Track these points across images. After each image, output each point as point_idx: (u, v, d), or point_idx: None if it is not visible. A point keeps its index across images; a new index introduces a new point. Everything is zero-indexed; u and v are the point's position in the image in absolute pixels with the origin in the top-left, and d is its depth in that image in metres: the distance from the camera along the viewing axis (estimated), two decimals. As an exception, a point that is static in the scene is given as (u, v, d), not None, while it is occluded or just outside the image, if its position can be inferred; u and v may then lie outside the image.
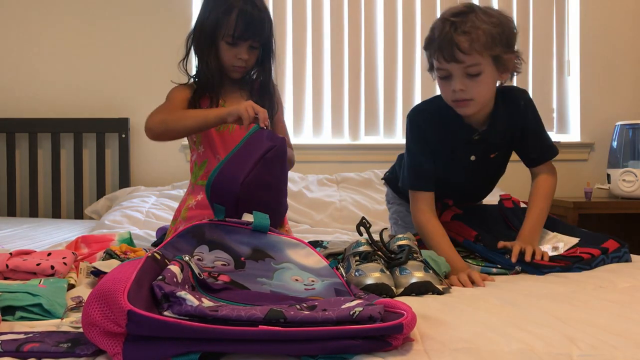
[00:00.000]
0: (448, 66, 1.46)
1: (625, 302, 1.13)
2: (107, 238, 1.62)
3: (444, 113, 1.58)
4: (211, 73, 1.68)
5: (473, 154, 1.62)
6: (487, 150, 1.63)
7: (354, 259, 1.28)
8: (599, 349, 0.84)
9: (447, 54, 1.44)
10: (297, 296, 1.02)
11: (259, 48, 1.68)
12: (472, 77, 1.46)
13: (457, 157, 1.62)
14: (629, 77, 3.04)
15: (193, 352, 0.77)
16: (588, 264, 1.46)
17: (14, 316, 1.01)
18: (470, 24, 1.42)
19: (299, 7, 2.98)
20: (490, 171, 1.72)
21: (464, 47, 1.42)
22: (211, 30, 1.65)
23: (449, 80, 1.49)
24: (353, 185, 2.75)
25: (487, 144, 1.61)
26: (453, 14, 1.46)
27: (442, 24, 1.46)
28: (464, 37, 1.42)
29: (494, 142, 1.61)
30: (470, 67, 1.45)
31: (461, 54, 1.43)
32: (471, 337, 0.87)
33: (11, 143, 2.91)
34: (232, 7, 1.61)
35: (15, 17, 2.99)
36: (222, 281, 1.03)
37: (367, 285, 1.18)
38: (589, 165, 3.05)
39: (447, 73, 1.48)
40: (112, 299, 0.77)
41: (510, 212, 1.70)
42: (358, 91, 2.99)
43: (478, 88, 1.48)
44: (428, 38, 1.51)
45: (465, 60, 1.44)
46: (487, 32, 1.42)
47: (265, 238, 1.12)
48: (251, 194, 1.26)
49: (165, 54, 2.91)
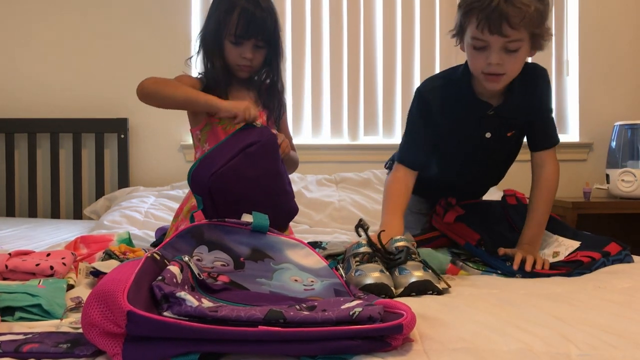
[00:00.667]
0: (490, 38, 1.39)
1: (625, 302, 1.13)
2: (106, 238, 1.62)
3: (457, 89, 1.54)
4: (217, 73, 1.68)
5: (488, 130, 1.57)
6: (503, 127, 1.58)
7: (354, 260, 1.28)
8: (598, 348, 0.84)
9: (494, 26, 1.36)
10: (296, 297, 1.02)
11: (265, 47, 1.67)
12: (510, 52, 1.42)
13: (471, 135, 1.58)
14: (628, 77, 3.04)
15: (193, 352, 0.77)
16: (588, 267, 1.45)
17: (13, 317, 1.01)
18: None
19: (298, 7, 2.98)
20: (505, 152, 1.67)
21: (513, 21, 1.36)
22: (215, 30, 1.65)
23: (484, 52, 1.43)
24: (352, 185, 2.75)
25: (502, 120, 1.56)
26: None
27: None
28: (516, 11, 1.35)
29: (509, 117, 1.56)
30: (512, 42, 1.40)
31: (509, 28, 1.37)
32: (470, 336, 0.87)
33: (10, 143, 2.91)
34: (234, 6, 1.61)
35: (14, 17, 2.99)
36: (221, 281, 1.03)
37: (366, 284, 1.18)
38: (587, 165, 3.05)
39: (485, 44, 1.41)
40: (112, 299, 0.77)
41: (513, 210, 1.68)
42: (357, 91, 2.99)
43: (513, 63, 1.44)
44: (470, 3, 1.41)
45: (510, 35, 1.38)
46: (536, 9, 1.37)
47: (265, 238, 1.12)
48: (225, 185, 1.27)
49: (164, 54, 2.92)
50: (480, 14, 1.38)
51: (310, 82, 2.99)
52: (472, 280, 1.37)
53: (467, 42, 1.47)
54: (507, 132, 1.60)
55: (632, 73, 3.05)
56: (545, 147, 1.63)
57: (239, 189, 1.30)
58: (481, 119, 1.56)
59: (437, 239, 1.66)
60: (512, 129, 1.59)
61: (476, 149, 1.61)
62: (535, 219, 1.58)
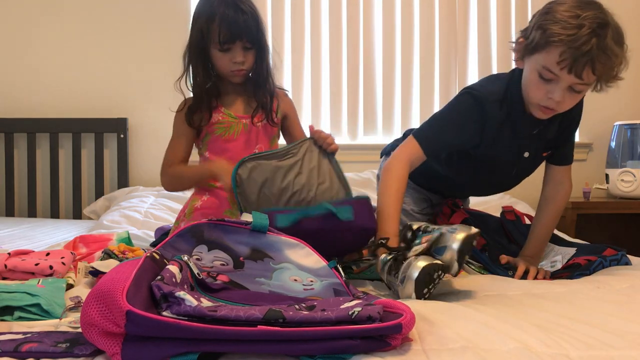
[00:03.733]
0: (564, 75, 1.30)
1: (623, 302, 1.13)
2: (105, 238, 1.62)
3: (511, 110, 1.46)
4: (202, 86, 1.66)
5: (527, 150, 1.52)
6: (541, 147, 1.53)
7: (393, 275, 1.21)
8: (595, 348, 0.84)
9: (578, 69, 1.27)
10: (295, 296, 1.02)
11: (253, 48, 1.64)
12: (574, 92, 1.35)
13: (509, 152, 1.51)
14: (628, 78, 3.00)
15: (192, 352, 0.77)
16: (587, 268, 1.45)
17: (13, 316, 1.01)
18: (611, 46, 1.28)
19: (297, 7, 2.98)
20: (533, 169, 1.61)
21: (597, 70, 1.29)
22: (199, 42, 1.62)
23: (549, 84, 1.34)
24: (352, 185, 2.73)
25: (541, 140, 1.51)
26: (600, 23, 1.27)
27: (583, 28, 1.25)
28: (605, 59, 1.28)
29: (548, 138, 1.51)
30: (582, 84, 1.33)
31: (590, 74, 1.29)
32: (469, 336, 0.87)
33: (10, 143, 2.91)
34: (214, 14, 1.58)
35: (13, 17, 2.99)
36: (221, 281, 1.03)
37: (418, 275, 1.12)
38: (587, 165, 3.05)
39: (555, 78, 1.32)
40: (111, 299, 0.77)
41: (512, 225, 1.69)
42: (357, 91, 2.99)
43: (571, 102, 1.39)
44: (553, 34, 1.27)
45: (586, 80, 1.31)
46: (617, 63, 1.32)
47: (264, 238, 1.11)
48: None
49: (163, 54, 2.92)
50: (567, 51, 1.27)
51: (309, 81, 2.99)
52: (472, 280, 1.37)
53: (534, 66, 1.35)
54: (544, 152, 1.55)
55: (632, 73, 3.01)
56: (567, 163, 1.59)
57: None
58: (524, 138, 1.50)
59: None
60: (549, 149, 1.55)
61: (508, 165, 1.56)
62: (542, 234, 1.57)
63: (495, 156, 1.52)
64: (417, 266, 1.14)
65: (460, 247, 1.17)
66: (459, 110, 1.49)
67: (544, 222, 1.58)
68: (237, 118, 1.68)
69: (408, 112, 2.99)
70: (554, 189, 1.59)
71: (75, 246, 1.57)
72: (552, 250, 1.63)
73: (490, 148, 1.49)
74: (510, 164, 1.55)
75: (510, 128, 1.47)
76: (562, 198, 1.59)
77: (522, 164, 1.55)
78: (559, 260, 1.55)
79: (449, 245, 1.18)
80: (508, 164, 1.55)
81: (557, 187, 1.59)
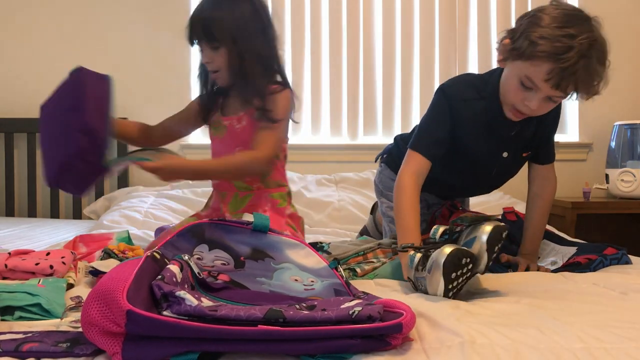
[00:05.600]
0: (546, 88, 1.34)
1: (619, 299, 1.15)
2: (105, 237, 1.62)
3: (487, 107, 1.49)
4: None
5: (506, 150, 1.56)
6: (520, 148, 1.57)
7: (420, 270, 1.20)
8: (588, 343, 0.85)
9: (562, 85, 1.32)
10: (296, 296, 1.02)
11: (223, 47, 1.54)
12: (550, 101, 1.39)
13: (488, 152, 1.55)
14: (628, 78, 3.04)
15: (192, 351, 0.77)
16: (587, 267, 1.47)
17: (13, 316, 1.01)
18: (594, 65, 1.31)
19: (297, 7, 2.98)
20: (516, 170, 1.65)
21: (579, 88, 1.34)
22: None
23: (527, 92, 1.37)
24: (352, 185, 2.75)
25: (520, 141, 1.55)
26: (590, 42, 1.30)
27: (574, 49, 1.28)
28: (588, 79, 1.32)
29: (527, 137, 1.55)
30: (560, 97, 1.38)
31: (572, 89, 1.34)
32: (468, 334, 0.88)
33: (9, 143, 2.91)
34: None
35: (13, 17, 2.99)
36: (221, 280, 1.03)
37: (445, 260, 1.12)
38: (587, 165, 3.05)
39: (534, 88, 1.36)
40: (112, 298, 0.77)
41: (513, 225, 1.70)
42: (357, 91, 2.99)
43: (546, 109, 1.43)
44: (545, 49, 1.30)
45: (565, 93, 1.36)
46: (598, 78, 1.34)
47: (265, 238, 1.12)
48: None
49: (163, 54, 2.92)
50: (555, 69, 1.29)
51: (309, 81, 2.99)
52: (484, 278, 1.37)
53: (516, 72, 1.38)
54: (524, 153, 1.59)
55: (631, 73, 3.05)
56: (550, 161, 1.64)
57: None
58: (502, 138, 1.53)
59: None
60: (528, 150, 1.59)
61: (488, 165, 1.59)
62: (536, 231, 1.60)
63: (475, 155, 1.55)
64: (444, 252, 1.14)
65: (489, 238, 1.16)
66: (436, 106, 1.54)
67: (536, 218, 1.61)
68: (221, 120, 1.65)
69: (408, 112, 2.99)
70: (540, 185, 1.63)
71: (75, 246, 1.57)
72: (553, 249, 1.64)
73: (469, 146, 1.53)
74: (490, 163, 1.58)
75: (487, 128, 1.51)
76: (549, 193, 1.63)
77: (502, 164, 1.58)
78: (560, 259, 1.56)
79: (478, 236, 1.17)
80: (488, 163, 1.58)
81: (543, 183, 1.63)
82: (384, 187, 1.82)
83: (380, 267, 1.45)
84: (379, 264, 1.47)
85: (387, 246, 1.54)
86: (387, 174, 1.82)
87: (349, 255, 1.50)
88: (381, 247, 1.54)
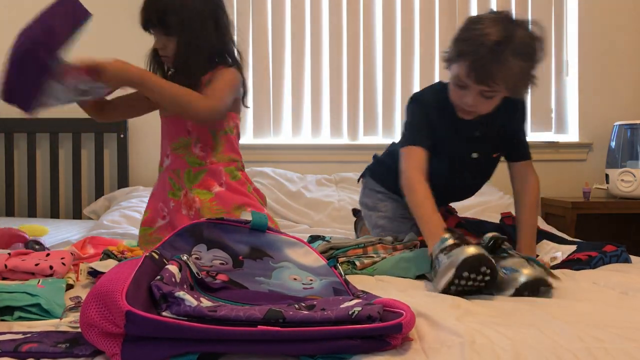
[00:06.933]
0: (471, 84, 1.48)
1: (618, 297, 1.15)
2: (115, 243, 1.62)
3: (444, 109, 1.61)
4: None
5: (475, 151, 1.65)
6: (488, 149, 1.67)
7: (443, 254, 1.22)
8: (587, 342, 0.85)
9: (479, 78, 1.46)
10: (295, 295, 1.02)
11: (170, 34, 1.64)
12: (486, 97, 1.51)
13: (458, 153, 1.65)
14: (628, 77, 3.04)
15: (192, 352, 0.77)
16: (587, 263, 1.49)
17: (13, 316, 1.01)
18: (511, 60, 1.42)
19: (297, 7, 2.98)
20: (490, 171, 1.75)
21: (497, 78, 1.45)
22: None
23: (462, 90, 1.52)
24: (352, 185, 2.75)
25: (487, 142, 1.65)
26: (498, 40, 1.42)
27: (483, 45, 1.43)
28: (502, 70, 1.43)
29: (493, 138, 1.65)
30: (490, 92, 1.49)
31: (491, 82, 1.46)
32: (467, 333, 0.88)
33: (9, 143, 2.90)
34: None
35: (13, 17, 2.98)
36: (220, 280, 1.03)
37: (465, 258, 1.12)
38: (587, 165, 3.05)
39: (465, 86, 1.50)
40: (111, 299, 0.77)
41: (512, 229, 1.71)
42: (357, 91, 2.99)
43: (486, 106, 1.54)
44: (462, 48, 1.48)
45: (490, 87, 1.48)
46: (521, 69, 1.45)
47: (264, 237, 1.11)
48: None
49: (163, 54, 2.92)
50: (471, 64, 1.45)
51: (309, 82, 2.98)
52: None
53: (452, 75, 1.54)
54: (493, 154, 1.70)
55: (631, 73, 3.05)
56: (526, 157, 1.72)
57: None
58: (469, 139, 1.63)
59: None
60: (498, 151, 1.70)
61: (460, 167, 1.67)
62: (528, 227, 1.65)
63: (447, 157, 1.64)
64: (469, 251, 1.14)
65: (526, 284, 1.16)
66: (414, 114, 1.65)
67: (524, 214, 1.66)
68: None
69: (408, 112, 2.99)
70: (520, 183, 1.71)
71: (84, 246, 1.57)
72: (553, 248, 1.64)
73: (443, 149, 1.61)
74: (461, 165, 1.67)
75: (455, 131, 1.62)
76: (532, 189, 1.69)
77: (474, 164, 1.68)
78: (559, 256, 1.57)
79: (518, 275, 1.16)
80: (459, 166, 1.67)
81: (523, 180, 1.70)
82: (371, 201, 1.86)
83: (380, 262, 1.46)
84: (379, 258, 1.48)
85: (388, 242, 1.54)
86: (371, 185, 1.89)
87: (349, 246, 1.51)
88: (382, 243, 1.54)
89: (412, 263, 1.43)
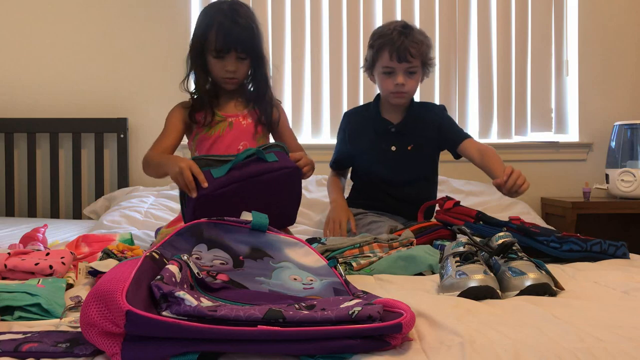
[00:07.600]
0: (397, 65, 1.93)
1: (619, 297, 1.15)
2: (108, 238, 1.62)
3: (369, 113, 2.10)
4: (203, 87, 1.80)
5: (393, 144, 2.05)
6: (404, 142, 2.04)
7: (454, 260, 1.23)
8: (587, 342, 0.85)
9: (401, 56, 1.91)
10: (295, 295, 1.02)
11: (248, 58, 1.75)
12: (410, 74, 1.95)
13: (379, 147, 2.05)
14: (628, 77, 3.04)
15: (192, 352, 0.77)
16: (585, 242, 1.55)
17: (13, 316, 1.01)
18: (417, 36, 1.94)
19: (297, 7, 2.98)
20: (413, 164, 2.05)
21: (413, 52, 1.92)
22: (199, 46, 1.75)
23: (392, 76, 1.95)
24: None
25: (403, 136, 2.04)
26: (403, 26, 1.94)
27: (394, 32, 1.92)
28: (415, 45, 1.92)
29: (409, 134, 2.04)
30: (411, 67, 1.94)
31: (410, 57, 1.92)
32: (467, 333, 0.88)
33: (10, 143, 2.91)
34: (212, 22, 1.72)
35: (13, 17, 2.99)
36: (220, 280, 1.03)
37: (470, 287, 1.13)
38: (587, 165, 3.05)
39: (392, 70, 1.94)
40: (111, 299, 0.77)
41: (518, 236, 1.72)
42: (357, 91, 2.99)
43: (413, 83, 1.98)
44: (379, 43, 1.94)
45: (411, 62, 1.93)
46: (425, 45, 1.96)
47: (264, 237, 1.12)
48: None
49: (163, 54, 2.92)
50: (391, 48, 1.91)
51: (309, 82, 2.99)
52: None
53: (378, 71, 1.99)
54: (408, 146, 2.04)
55: (631, 73, 3.04)
56: (466, 137, 2.03)
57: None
58: (386, 134, 2.05)
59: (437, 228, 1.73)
60: (410, 144, 2.05)
61: (386, 160, 2.05)
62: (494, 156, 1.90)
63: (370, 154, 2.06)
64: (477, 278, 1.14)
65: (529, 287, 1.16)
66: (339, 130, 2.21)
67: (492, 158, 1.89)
68: (223, 117, 1.81)
69: (408, 112, 2.99)
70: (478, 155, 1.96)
71: (78, 245, 1.57)
72: None
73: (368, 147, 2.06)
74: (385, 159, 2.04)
75: (372, 127, 2.07)
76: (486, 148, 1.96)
77: (395, 157, 2.05)
78: None
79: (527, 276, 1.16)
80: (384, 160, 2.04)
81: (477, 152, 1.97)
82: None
83: (377, 262, 1.45)
84: (376, 258, 1.47)
85: (384, 241, 1.54)
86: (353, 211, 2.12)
87: (345, 247, 1.50)
88: (378, 241, 1.54)
89: (409, 261, 1.43)
